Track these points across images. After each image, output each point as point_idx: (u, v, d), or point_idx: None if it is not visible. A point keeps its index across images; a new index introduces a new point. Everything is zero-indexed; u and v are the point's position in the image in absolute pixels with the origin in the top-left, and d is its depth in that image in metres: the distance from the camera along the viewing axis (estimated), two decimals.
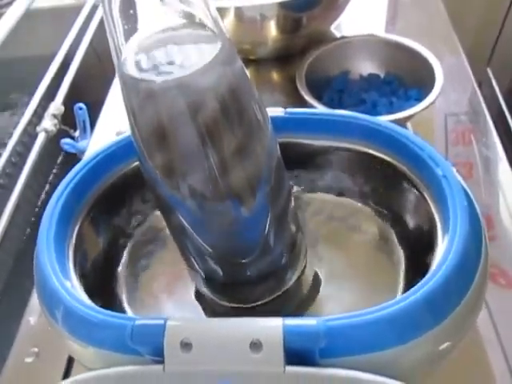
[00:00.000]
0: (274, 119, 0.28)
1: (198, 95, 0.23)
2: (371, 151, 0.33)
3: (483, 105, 0.59)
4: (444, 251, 0.25)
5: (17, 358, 0.41)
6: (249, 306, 0.33)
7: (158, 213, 0.36)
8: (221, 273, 0.30)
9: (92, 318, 0.25)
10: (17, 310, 0.45)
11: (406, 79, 0.57)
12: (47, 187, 0.69)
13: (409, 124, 0.54)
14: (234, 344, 0.22)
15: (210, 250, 0.29)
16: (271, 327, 0.22)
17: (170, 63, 0.23)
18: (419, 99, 0.53)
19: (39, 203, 0.68)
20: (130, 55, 0.23)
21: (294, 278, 0.33)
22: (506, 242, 0.45)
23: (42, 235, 0.29)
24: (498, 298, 0.40)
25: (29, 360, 0.41)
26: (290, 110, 0.34)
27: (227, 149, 0.24)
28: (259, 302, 0.32)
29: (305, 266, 0.34)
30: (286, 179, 0.30)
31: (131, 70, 0.23)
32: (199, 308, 0.34)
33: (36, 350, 0.42)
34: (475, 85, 0.62)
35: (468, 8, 0.94)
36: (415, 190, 0.30)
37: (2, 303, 0.55)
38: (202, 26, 0.24)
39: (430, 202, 0.29)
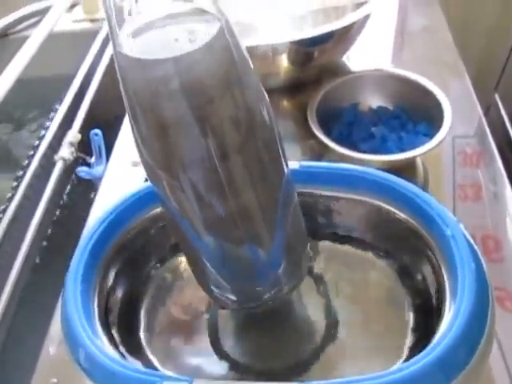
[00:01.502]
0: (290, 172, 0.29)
1: (196, 74, 0.22)
2: (383, 205, 0.34)
3: (488, 130, 0.60)
4: (452, 314, 0.27)
5: None
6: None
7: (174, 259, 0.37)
8: (234, 296, 0.32)
9: (122, 373, 0.26)
10: (36, 339, 0.46)
11: (413, 113, 0.58)
12: (58, 212, 0.70)
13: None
14: None
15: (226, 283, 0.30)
16: None
17: (169, 44, 0.23)
18: (428, 134, 0.54)
19: (53, 225, 0.70)
20: (127, 37, 0.23)
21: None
22: None
23: (69, 286, 0.30)
24: (506, 322, 0.41)
25: None
26: (304, 163, 0.35)
27: (230, 142, 0.24)
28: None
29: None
30: (301, 219, 0.31)
31: (128, 51, 0.22)
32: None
33: (55, 380, 0.42)
34: (480, 111, 0.63)
35: (475, 34, 0.94)
36: (426, 248, 0.32)
37: (21, 332, 0.56)
38: (202, 10, 0.23)
39: (439, 260, 0.30)
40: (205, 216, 0.26)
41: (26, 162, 0.66)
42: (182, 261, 0.39)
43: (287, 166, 0.28)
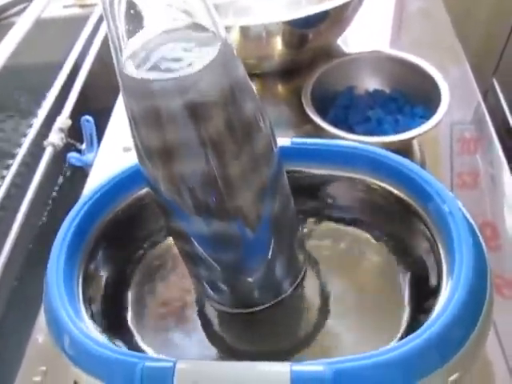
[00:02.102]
0: (281, 149, 0.29)
1: (198, 96, 0.23)
2: (378, 183, 0.33)
3: (487, 116, 0.59)
4: (450, 292, 0.26)
5: (25, 376, 0.42)
6: (248, 311, 0.33)
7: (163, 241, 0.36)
8: (225, 287, 0.32)
9: (103, 354, 0.25)
10: (24, 328, 0.45)
11: (411, 95, 0.57)
12: (52, 198, 0.69)
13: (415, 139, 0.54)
14: None
15: (216, 265, 0.30)
16: (279, 373, 0.22)
17: (170, 64, 0.23)
18: (424, 117, 0.53)
19: (45, 214, 0.69)
20: (130, 56, 0.24)
21: (291, 287, 0.34)
22: (510, 252, 0.45)
23: (51, 269, 0.30)
24: (503, 309, 0.40)
25: (37, 379, 0.41)
26: (296, 139, 0.34)
27: (230, 154, 0.25)
28: (258, 308, 0.33)
29: (302, 278, 0.35)
30: (291, 202, 0.30)
31: (131, 71, 0.23)
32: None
33: (44, 368, 0.42)
34: (479, 96, 0.62)
35: (474, 18, 0.94)
36: (422, 225, 0.31)
37: (9, 320, 0.56)
38: (202, 27, 0.24)
39: (436, 237, 0.29)
40: (192, 194, 0.26)
41: (16, 149, 0.65)
42: (173, 243, 0.38)
43: (275, 143, 0.28)
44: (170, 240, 0.37)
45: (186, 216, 0.27)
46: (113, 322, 0.32)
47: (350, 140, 0.49)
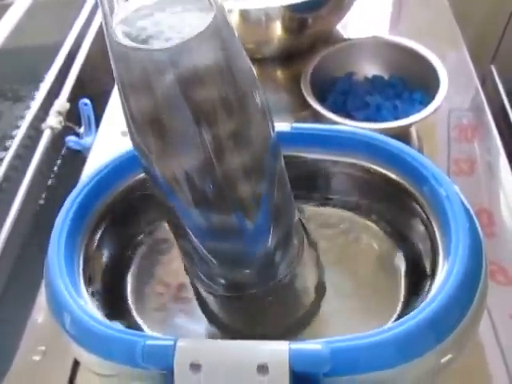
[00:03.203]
0: (280, 134, 0.28)
1: (189, 65, 0.22)
2: (376, 167, 0.33)
3: (485, 103, 0.60)
4: (445, 274, 0.26)
5: (24, 356, 0.42)
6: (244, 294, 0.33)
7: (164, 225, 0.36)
8: (222, 280, 0.31)
9: (104, 333, 0.26)
10: (24, 308, 0.46)
11: (410, 81, 0.57)
12: (50, 182, 0.69)
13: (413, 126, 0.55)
14: (241, 366, 0.23)
15: (212, 258, 0.29)
16: (277, 351, 0.23)
17: (162, 31, 0.23)
18: (423, 103, 0.54)
19: (43, 196, 0.69)
20: (120, 22, 0.23)
21: (286, 271, 0.33)
22: (506, 239, 0.46)
23: (52, 248, 0.30)
24: (497, 295, 0.41)
25: (36, 358, 0.42)
26: (296, 125, 0.34)
27: (223, 130, 0.24)
28: (252, 291, 0.32)
29: (298, 262, 0.34)
30: (288, 188, 0.30)
31: (121, 39, 0.22)
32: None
33: (43, 348, 0.42)
34: (478, 83, 0.62)
35: (473, 5, 0.93)
36: (419, 208, 0.31)
37: (9, 301, 0.56)
38: None
39: (433, 221, 0.30)
40: (190, 183, 0.26)
41: (14, 132, 0.65)
42: None
43: (273, 129, 0.28)
44: None
45: (178, 199, 0.26)
46: (112, 302, 0.33)
47: (348, 126, 0.49)
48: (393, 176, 0.33)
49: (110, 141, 0.60)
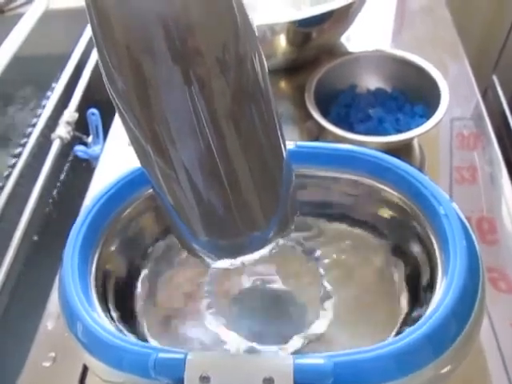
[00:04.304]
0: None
1: (183, 20, 0.20)
2: (378, 185, 0.34)
3: (485, 113, 0.60)
4: (444, 289, 0.27)
5: (34, 362, 0.43)
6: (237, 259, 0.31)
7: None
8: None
9: (118, 345, 0.27)
10: (34, 315, 0.47)
11: (411, 94, 0.58)
12: (58, 190, 0.70)
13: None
14: (248, 379, 0.24)
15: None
16: (283, 365, 0.24)
17: None
18: (424, 116, 0.55)
19: (51, 206, 0.70)
20: None
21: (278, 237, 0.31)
22: (507, 246, 0.46)
23: (66, 263, 0.31)
24: (499, 303, 0.41)
25: (46, 364, 0.42)
26: (300, 143, 0.35)
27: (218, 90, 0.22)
28: (246, 257, 0.31)
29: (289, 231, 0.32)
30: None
31: None
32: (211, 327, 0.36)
33: (53, 354, 0.43)
34: (478, 93, 0.63)
35: (474, 17, 0.94)
36: (419, 227, 0.32)
37: (19, 307, 0.57)
38: None
39: (432, 238, 0.31)
40: (197, 198, 0.26)
41: (23, 140, 0.66)
42: None
43: (285, 146, 0.28)
44: None
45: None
46: (123, 313, 0.34)
47: (351, 139, 0.50)
48: (394, 193, 0.34)
49: (117, 150, 0.61)
